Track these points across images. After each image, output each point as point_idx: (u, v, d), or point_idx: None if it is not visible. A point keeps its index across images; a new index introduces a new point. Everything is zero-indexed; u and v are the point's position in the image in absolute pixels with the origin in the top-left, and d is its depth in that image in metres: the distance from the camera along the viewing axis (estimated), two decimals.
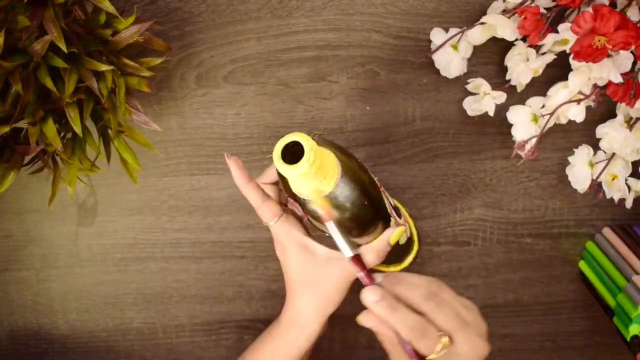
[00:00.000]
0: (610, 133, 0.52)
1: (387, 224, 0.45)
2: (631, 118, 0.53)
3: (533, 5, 0.49)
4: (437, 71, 0.54)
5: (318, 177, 0.38)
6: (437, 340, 0.36)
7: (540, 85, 0.56)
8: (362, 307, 0.61)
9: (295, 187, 0.40)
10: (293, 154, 0.37)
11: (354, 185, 0.41)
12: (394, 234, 0.45)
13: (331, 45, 0.54)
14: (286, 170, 0.37)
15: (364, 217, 0.42)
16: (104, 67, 0.41)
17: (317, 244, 0.45)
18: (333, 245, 0.42)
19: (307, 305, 0.45)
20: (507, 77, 0.54)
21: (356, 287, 0.44)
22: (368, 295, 0.38)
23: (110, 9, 0.42)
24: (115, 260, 0.59)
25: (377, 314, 0.38)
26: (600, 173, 0.55)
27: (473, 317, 0.38)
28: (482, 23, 0.51)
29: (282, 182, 0.43)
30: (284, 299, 0.48)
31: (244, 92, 0.55)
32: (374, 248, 0.44)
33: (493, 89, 0.53)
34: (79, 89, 0.42)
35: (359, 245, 0.45)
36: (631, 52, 0.49)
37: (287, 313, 0.46)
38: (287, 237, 0.45)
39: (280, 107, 0.56)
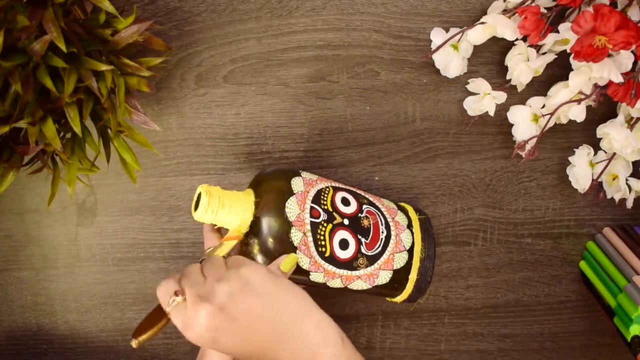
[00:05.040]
0: (611, 133, 0.52)
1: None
2: (632, 118, 0.53)
3: (533, 4, 0.49)
4: (437, 71, 0.54)
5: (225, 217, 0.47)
6: (170, 296, 0.39)
7: (541, 85, 0.55)
8: (360, 309, 0.61)
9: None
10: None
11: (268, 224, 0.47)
12: (285, 261, 0.46)
13: (331, 45, 0.54)
14: (193, 214, 0.47)
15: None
16: (104, 67, 0.41)
17: None
18: None
19: None
20: (508, 77, 0.54)
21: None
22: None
23: (110, 8, 0.42)
24: (115, 260, 0.59)
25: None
26: (601, 173, 0.55)
27: (211, 276, 0.40)
28: (483, 23, 0.51)
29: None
30: None
31: (244, 92, 0.55)
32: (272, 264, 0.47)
33: (493, 88, 0.53)
34: (78, 88, 0.41)
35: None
36: (632, 51, 0.49)
37: None
38: None
39: (280, 107, 0.56)
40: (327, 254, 0.48)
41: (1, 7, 0.38)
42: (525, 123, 0.54)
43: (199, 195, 0.47)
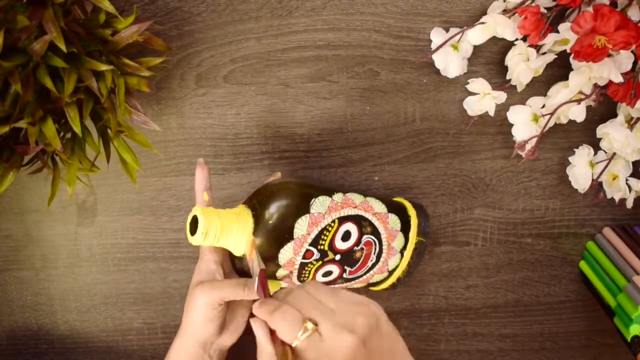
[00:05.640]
0: (611, 133, 0.52)
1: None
2: (632, 118, 0.53)
3: (533, 5, 0.49)
4: (437, 71, 0.54)
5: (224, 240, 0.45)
6: (300, 325, 0.37)
7: (541, 85, 0.55)
8: None
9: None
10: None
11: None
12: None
13: (331, 45, 0.54)
14: (190, 239, 0.44)
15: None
16: (104, 67, 0.41)
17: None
18: None
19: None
20: (508, 77, 0.54)
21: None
22: (256, 304, 0.41)
23: (110, 8, 0.42)
24: (115, 260, 0.59)
25: (259, 316, 0.40)
26: (601, 173, 0.55)
27: (343, 307, 0.38)
28: (483, 23, 0.51)
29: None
30: None
31: (244, 92, 0.55)
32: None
33: (493, 88, 0.53)
34: (78, 88, 0.41)
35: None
36: (632, 51, 0.49)
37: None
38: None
39: (280, 107, 0.56)
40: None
41: (1, 7, 0.38)
42: (525, 123, 0.54)
43: (195, 217, 0.44)
